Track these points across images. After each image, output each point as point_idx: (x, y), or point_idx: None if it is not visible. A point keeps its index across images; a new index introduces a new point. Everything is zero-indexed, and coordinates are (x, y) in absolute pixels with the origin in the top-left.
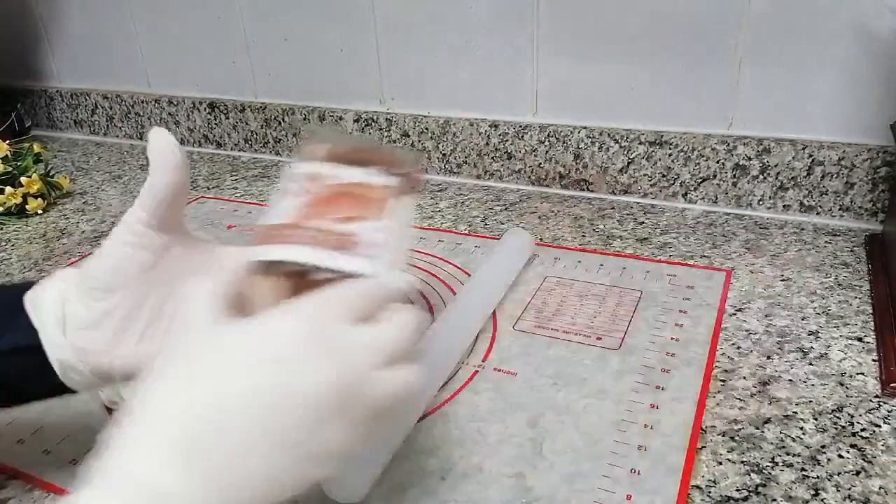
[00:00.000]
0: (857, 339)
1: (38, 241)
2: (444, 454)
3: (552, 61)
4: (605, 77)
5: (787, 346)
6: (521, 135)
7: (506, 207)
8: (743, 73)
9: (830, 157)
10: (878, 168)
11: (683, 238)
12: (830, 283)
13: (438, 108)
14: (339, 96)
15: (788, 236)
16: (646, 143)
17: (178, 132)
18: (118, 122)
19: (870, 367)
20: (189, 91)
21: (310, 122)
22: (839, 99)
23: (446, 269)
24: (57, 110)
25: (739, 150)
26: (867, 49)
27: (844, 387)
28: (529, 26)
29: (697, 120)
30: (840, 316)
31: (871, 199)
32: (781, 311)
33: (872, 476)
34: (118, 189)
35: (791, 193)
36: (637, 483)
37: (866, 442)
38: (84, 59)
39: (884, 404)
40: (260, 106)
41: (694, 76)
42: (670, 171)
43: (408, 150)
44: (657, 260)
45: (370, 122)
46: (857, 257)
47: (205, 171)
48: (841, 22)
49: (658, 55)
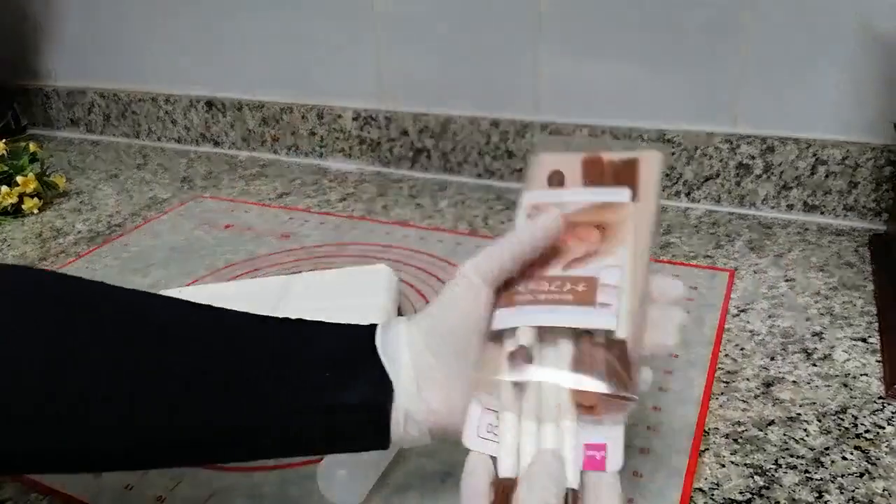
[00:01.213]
0: (861, 339)
1: (34, 240)
2: (444, 456)
3: (554, 59)
4: (608, 75)
5: (791, 347)
6: (522, 133)
7: (507, 207)
8: (747, 72)
9: (834, 157)
10: (882, 167)
11: (686, 238)
12: (834, 284)
13: (438, 105)
14: (337, 94)
15: (792, 236)
16: (648, 142)
17: (176, 130)
18: (115, 120)
19: (874, 368)
20: (186, 89)
21: (307, 121)
22: (843, 98)
23: (446, 269)
24: (53, 109)
25: (743, 149)
26: (872, 48)
27: (848, 388)
28: (531, 23)
29: (701, 118)
30: (844, 316)
31: (875, 199)
32: (785, 312)
33: (876, 478)
34: (115, 188)
35: (795, 193)
36: (640, 486)
37: (870, 443)
38: (80, 58)
39: (888, 405)
40: (258, 104)
41: (697, 74)
42: (673, 169)
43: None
44: (660, 260)
45: (369, 120)
46: (861, 257)
47: (202, 170)
48: (845, 20)
49: (661, 53)
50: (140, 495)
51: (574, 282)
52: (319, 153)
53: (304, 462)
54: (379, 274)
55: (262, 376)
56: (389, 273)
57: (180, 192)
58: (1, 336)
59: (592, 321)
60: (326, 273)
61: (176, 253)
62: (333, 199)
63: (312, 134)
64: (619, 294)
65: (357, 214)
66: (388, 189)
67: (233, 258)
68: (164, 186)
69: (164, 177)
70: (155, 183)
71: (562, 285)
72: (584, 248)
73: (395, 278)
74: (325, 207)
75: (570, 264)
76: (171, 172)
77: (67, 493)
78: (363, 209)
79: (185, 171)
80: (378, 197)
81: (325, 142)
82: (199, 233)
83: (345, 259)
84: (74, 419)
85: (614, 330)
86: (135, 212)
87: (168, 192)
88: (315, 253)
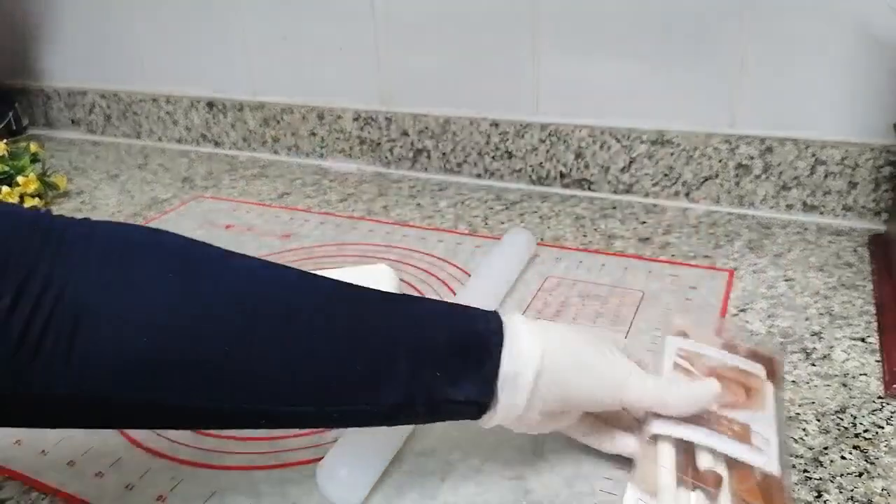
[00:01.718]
0: (860, 339)
1: None
2: (444, 455)
3: (553, 59)
4: (607, 75)
5: (790, 346)
6: (521, 133)
7: (506, 207)
8: (745, 72)
9: (833, 157)
10: (881, 167)
11: (686, 238)
12: (833, 284)
13: (438, 106)
14: (338, 95)
15: (791, 236)
16: (648, 143)
17: (176, 131)
18: (116, 121)
19: (873, 367)
20: (187, 90)
21: (308, 121)
22: (842, 98)
23: (446, 269)
24: (54, 109)
25: (742, 150)
26: (870, 48)
27: (847, 388)
28: (530, 24)
29: (700, 119)
30: (843, 316)
31: (874, 199)
32: (784, 312)
33: (875, 477)
34: (115, 188)
35: (794, 193)
36: None
37: (869, 443)
38: (81, 58)
39: (887, 405)
40: (258, 105)
41: (696, 75)
42: (672, 170)
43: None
44: (659, 260)
45: (369, 120)
46: (860, 257)
47: (202, 171)
48: (844, 21)
49: (660, 53)
50: (141, 494)
51: (730, 422)
52: (320, 153)
53: (305, 461)
54: (379, 274)
55: (376, 363)
56: (390, 273)
57: (181, 192)
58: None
59: (752, 458)
60: (327, 273)
61: None
62: (334, 200)
63: (313, 134)
64: (769, 443)
65: (357, 214)
66: (389, 189)
67: None
68: (165, 186)
69: (164, 177)
70: (156, 183)
71: (719, 419)
72: (733, 398)
73: (395, 278)
74: (326, 207)
75: (724, 407)
76: (171, 173)
77: (68, 493)
78: (363, 209)
79: (186, 171)
80: (378, 197)
81: (326, 142)
82: (201, 233)
83: (345, 259)
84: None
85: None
86: (136, 212)
87: (169, 193)
88: (315, 253)
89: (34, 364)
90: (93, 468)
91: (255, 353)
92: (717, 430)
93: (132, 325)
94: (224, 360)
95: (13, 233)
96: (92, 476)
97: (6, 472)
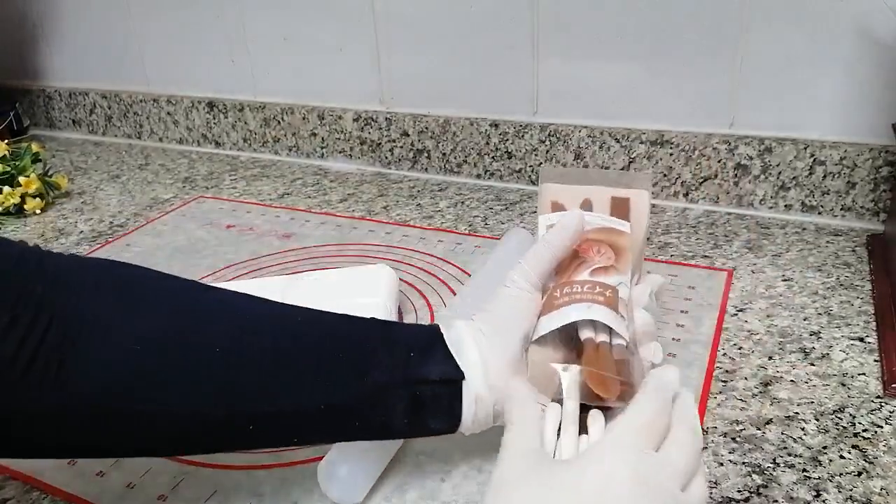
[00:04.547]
0: (858, 339)
1: (37, 241)
2: (444, 455)
3: (553, 60)
4: (606, 76)
5: (789, 346)
6: (521, 134)
7: (506, 207)
8: (744, 72)
9: (832, 157)
10: (879, 168)
11: (685, 238)
12: (832, 284)
13: (438, 106)
14: (338, 95)
15: (790, 236)
16: (647, 143)
17: (177, 131)
18: (117, 121)
19: (871, 367)
20: (188, 90)
21: (308, 122)
22: (841, 98)
23: (446, 269)
24: (55, 110)
25: (741, 150)
26: (869, 48)
27: (846, 387)
28: (529, 24)
29: (699, 119)
30: (842, 316)
31: (872, 199)
32: (783, 312)
33: (874, 477)
34: (117, 189)
35: (793, 193)
36: None
37: (868, 443)
38: (82, 59)
39: (885, 405)
40: (259, 105)
41: (695, 75)
42: (671, 170)
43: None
44: (658, 260)
45: (370, 121)
46: (858, 257)
47: (203, 171)
48: (843, 21)
49: (659, 54)
50: (142, 494)
51: (603, 287)
52: (320, 154)
53: (305, 460)
54: (379, 274)
55: (355, 357)
56: (390, 273)
57: (182, 192)
58: (137, 314)
59: (617, 325)
60: (327, 273)
61: (178, 253)
62: (334, 200)
63: (313, 135)
64: (627, 308)
65: (357, 215)
66: (389, 189)
67: (234, 258)
68: (166, 187)
69: (165, 177)
70: (157, 183)
71: (593, 287)
72: (603, 260)
73: (395, 278)
74: (326, 208)
75: (595, 272)
76: (172, 173)
77: (69, 492)
78: (364, 209)
79: (187, 171)
80: (378, 197)
81: (326, 142)
82: (201, 233)
83: (345, 259)
84: (192, 384)
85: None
86: (137, 212)
87: (170, 193)
88: (316, 253)
89: (27, 378)
90: (94, 468)
91: (241, 362)
92: (592, 301)
93: (121, 341)
94: (209, 369)
95: (9, 261)
96: (93, 475)
97: (8, 472)
